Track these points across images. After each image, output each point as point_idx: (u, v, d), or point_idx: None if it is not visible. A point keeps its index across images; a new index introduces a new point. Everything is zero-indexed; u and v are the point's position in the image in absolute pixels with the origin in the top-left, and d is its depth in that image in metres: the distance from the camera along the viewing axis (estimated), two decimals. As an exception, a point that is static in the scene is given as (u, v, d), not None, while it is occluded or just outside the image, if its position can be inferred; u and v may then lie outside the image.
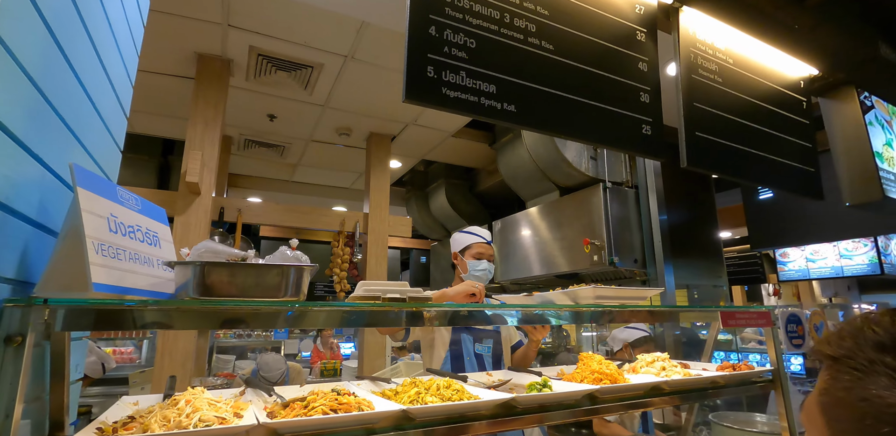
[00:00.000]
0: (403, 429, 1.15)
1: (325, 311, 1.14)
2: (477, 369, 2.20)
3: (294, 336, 7.73)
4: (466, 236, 2.36)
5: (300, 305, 1.08)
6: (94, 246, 0.90)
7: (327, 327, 1.14)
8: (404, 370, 3.36)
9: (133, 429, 0.97)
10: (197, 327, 1.00)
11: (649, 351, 2.79)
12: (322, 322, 1.14)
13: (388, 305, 1.18)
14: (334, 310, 1.13)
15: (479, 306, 1.30)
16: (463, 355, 2.26)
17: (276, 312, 1.08)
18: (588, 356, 1.72)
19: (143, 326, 1.01)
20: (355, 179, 6.42)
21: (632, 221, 3.74)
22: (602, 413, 1.48)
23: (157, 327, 1.01)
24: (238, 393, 1.40)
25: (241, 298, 1.03)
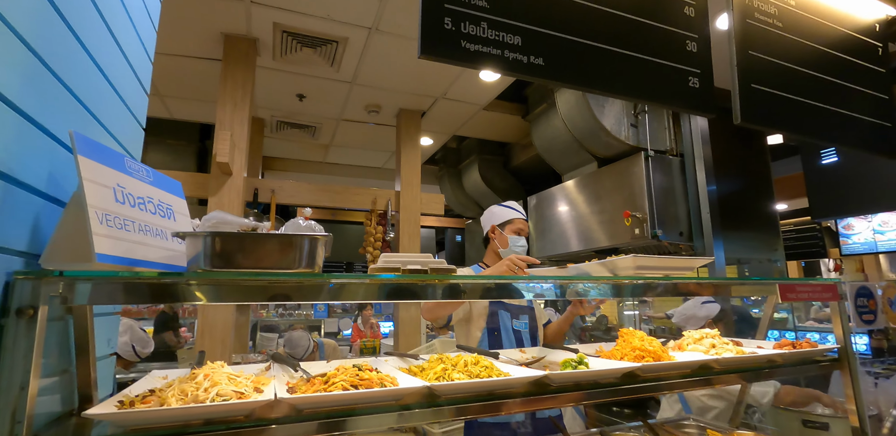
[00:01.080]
0: (427, 406, 1.09)
1: (341, 283, 1.08)
2: (514, 345, 2.14)
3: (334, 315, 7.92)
4: (507, 211, 2.29)
5: (314, 278, 1.02)
6: (98, 216, 0.87)
7: (343, 300, 1.08)
8: (439, 348, 3.34)
9: (151, 402, 0.95)
10: (211, 301, 0.96)
11: (733, 326, 2.63)
12: (338, 295, 1.09)
13: (408, 277, 1.11)
14: (350, 282, 1.07)
15: (506, 279, 1.21)
16: (501, 331, 2.21)
17: (290, 285, 1.03)
18: (629, 332, 1.60)
19: (157, 299, 0.98)
20: (388, 159, 6.38)
21: (677, 192, 3.51)
22: (643, 393, 1.38)
23: (171, 300, 0.98)
24: (264, 369, 1.39)
25: (253, 269, 0.98)
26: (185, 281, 0.96)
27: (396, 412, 1.05)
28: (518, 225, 2.24)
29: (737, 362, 1.49)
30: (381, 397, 1.06)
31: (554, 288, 1.36)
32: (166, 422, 0.91)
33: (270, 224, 3.50)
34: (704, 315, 2.65)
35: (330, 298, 1.10)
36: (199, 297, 1.01)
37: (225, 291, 1.01)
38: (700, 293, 1.54)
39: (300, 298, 1.08)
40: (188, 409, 0.90)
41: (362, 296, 1.12)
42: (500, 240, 2.26)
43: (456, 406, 1.11)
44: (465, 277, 1.17)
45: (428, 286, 1.15)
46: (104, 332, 1.37)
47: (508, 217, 2.27)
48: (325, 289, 1.09)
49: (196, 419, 0.93)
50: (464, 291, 1.19)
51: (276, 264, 0.99)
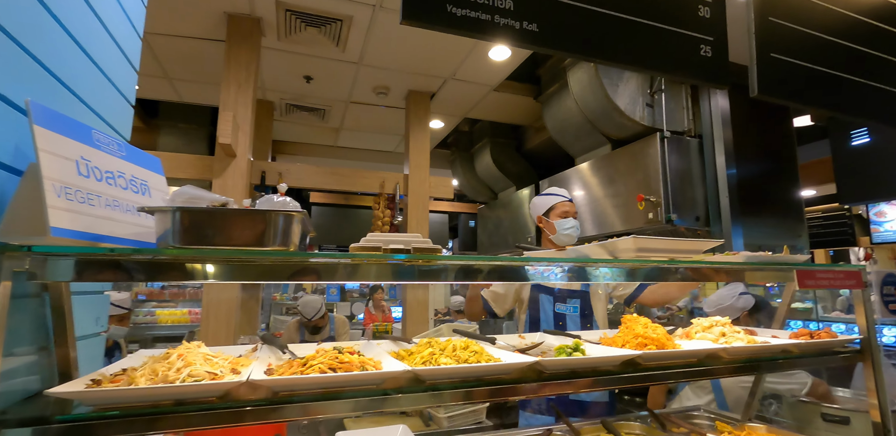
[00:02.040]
0: (410, 392, 1.04)
1: (314, 262, 1.03)
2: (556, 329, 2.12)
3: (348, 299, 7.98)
4: (548, 198, 2.32)
5: (287, 256, 0.97)
6: (56, 188, 0.82)
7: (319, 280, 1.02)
8: (446, 333, 3.31)
9: (120, 381, 0.92)
10: (180, 279, 0.92)
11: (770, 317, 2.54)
12: (313, 275, 1.04)
13: (388, 257, 1.05)
14: (325, 262, 1.02)
15: (495, 260, 1.14)
16: (540, 316, 2.18)
17: (262, 263, 0.98)
18: (632, 319, 1.52)
19: (129, 277, 0.94)
20: (398, 143, 6.31)
21: (694, 175, 3.37)
22: (643, 382, 1.31)
23: (143, 278, 0.94)
24: (250, 350, 1.36)
25: (222, 247, 0.93)
26: (156, 258, 0.92)
27: (376, 397, 1.01)
28: (562, 208, 2.25)
29: (747, 352, 1.41)
30: (359, 381, 1.01)
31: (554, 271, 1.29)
32: (133, 401, 0.88)
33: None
34: (741, 307, 2.54)
35: (305, 277, 1.05)
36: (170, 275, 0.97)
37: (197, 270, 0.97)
38: (710, 279, 1.45)
39: (273, 278, 1.03)
40: (155, 389, 0.87)
41: (340, 276, 1.07)
42: (548, 227, 2.27)
43: (439, 392, 1.06)
44: (451, 257, 1.11)
45: (412, 267, 1.09)
46: (91, 310, 1.35)
47: (551, 203, 2.29)
48: (299, 268, 1.04)
49: (165, 399, 0.90)
50: (448, 273, 1.13)
51: (248, 242, 0.95)
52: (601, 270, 1.28)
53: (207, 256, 0.94)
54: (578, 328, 2.13)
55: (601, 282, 1.83)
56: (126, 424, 0.85)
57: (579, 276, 1.28)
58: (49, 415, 0.86)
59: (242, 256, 0.96)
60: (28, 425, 0.81)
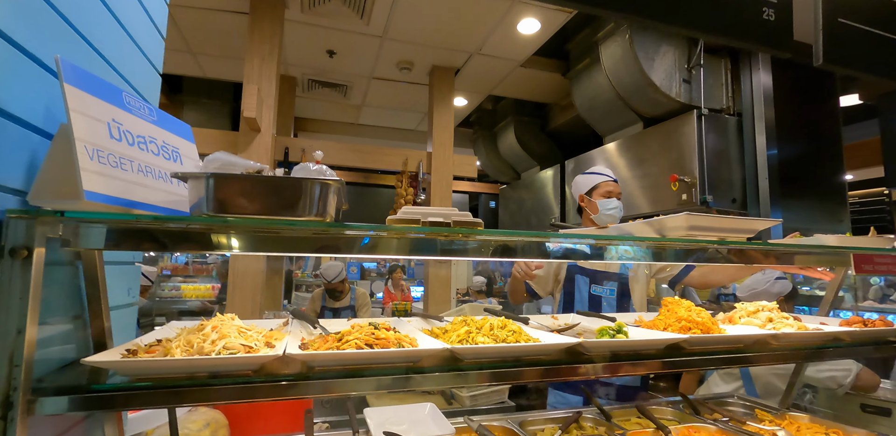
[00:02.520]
0: (447, 370, 1.01)
1: (350, 235, 0.99)
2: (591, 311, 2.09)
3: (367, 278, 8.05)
4: (592, 177, 2.24)
5: (321, 226, 0.93)
6: (88, 151, 0.79)
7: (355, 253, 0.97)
8: (469, 312, 3.29)
9: (156, 352, 0.90)
10: (213, 250, 0.88)
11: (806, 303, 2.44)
12: (350, 247, 0.99)
13: (428, 230, 1.00)
14: (360, 235, 0.97)
15: (536, 236, 1.08)
16: (574, 296, 2.15)
17: (296, 235, 0.94)
18: (674, 301, 1.46)
19: (165, 246, 0.91)
20: (420, 120, 6.20)
21: (731, 155, 3.22)
22: (687, 367, 1.25)
23: (175, 248, 0.91)
24: (281, 324, 1.34)
25: (257, 216, 0.89)
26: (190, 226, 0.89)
27: (414, 375, 0.97)
28: (605, 188, 2.18)
29: (798, 339, 1.33)
30: (396, 358, 0.98)
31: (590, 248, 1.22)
32: (169, 372, 0.86)
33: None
34: (777, 292, 2.45)
35: (340, 250, 1.01)
36: (209, 245, 0.94)
37: (234, 240, 0.93)
38: (758, 262, 1.37)
39: (308, 250, 0.99)
40: (191, 360, 0.85)
41: (378, 249, 1.03)
42: (590, 207, 2.20)
43: (478, 372, 1.02)
44: (493, 231, 1.05)
45: (450, 241, 1.04)
46: (123, 280, 1.34)
47: (594, 182, 2.21)
48: (336, 240, 1.00)
49: (200, 372, 0.87)
50: (490, 248, 1.08)
51: (284, 211, 0.90)
52: (648, 249, 1.21)
53: (243, 225, 0.90)
54: (614, 311, 2.07)
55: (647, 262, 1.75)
56: (160, 395, 0.83)
57: (625, 255, 1.22)
58: (85, 384, 0.84)
59: (278, 227, 0.92)
60: (64, 394, 0.80)
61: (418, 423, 1.56)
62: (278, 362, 0.95)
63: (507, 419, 1.66)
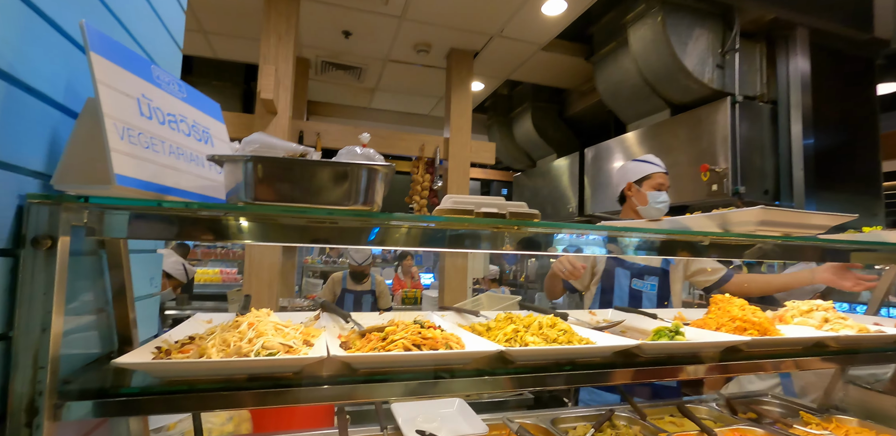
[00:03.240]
0: (496, 374, 0.93)
1: (404, 226, 0.90)
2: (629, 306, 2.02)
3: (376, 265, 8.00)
4: (644, 166, 2.14)
5: (371, 217, 0.84)
6: (118, 129, 0.70)
7: (405, 246, 0.88)
8: (486, 303, 3.23)
9: (190, 351, 0.83)
10: (251, 240, 0.80)
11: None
12: (399, 240, 0.91)
13: (482, 222, 0.91)
14: (416, 226, 0.89)
15: (604, 229, 0.99)
16: (613, 290, 2.07)
17: (342, 224, 0.86)
18: (724, 299, 1.38)
19: (198, 235, 0.83)
20: (434, 105, 6.06)
21: (765, 145, 3.09)
22: (746, 372, 1.17)
23: (212, 237, 0.83)
24: (312, 317, 1.27)
25: (300, 205, 0.81)
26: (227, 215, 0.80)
27: (464, 378, 0.90)
28: (658, 179, 2.10)
29: (858, 342, 1.25)
30: (447, 361, 0.91)
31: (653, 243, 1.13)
32: (206, 375, 0.79)
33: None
34: (811, 290, 2.36)
35: (387, 242, 0.93)
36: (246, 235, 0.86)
37: (274, 230, 0.85)
38: (829, 259, 1.28)
39: (352, 241, 0.91)
40: (230, 363, 0.78)
41: (428, 242, 0.95)
42: (638, 197, 2.11)
43: (532, 375, 0.94)
44: (553, 224, 0.96)
45: (505, 235, 0.96)
46: (145, 270, 1.27)
47: (647, 172, 2.12)
48: (382, 231, 0.92)
49: (239, 374, 0.81)
50: (547, 242, 0.99)
51: (330, 199, 0.82)
52: (711, 245, 1.12)
53: (285, 215, 0.81)
54: (654, 307, 1.99)
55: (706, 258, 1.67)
56: (195, 399, 0.76)
57: (687, 251, 1.13)
58: (114, 386, 0.77)
59: (322, 217, 0.83)
60: (92, 398, 0.73)
61: (449, 420, 1.50)
62: (320, 363, 0.88)
63: (538, 416, 1.60)
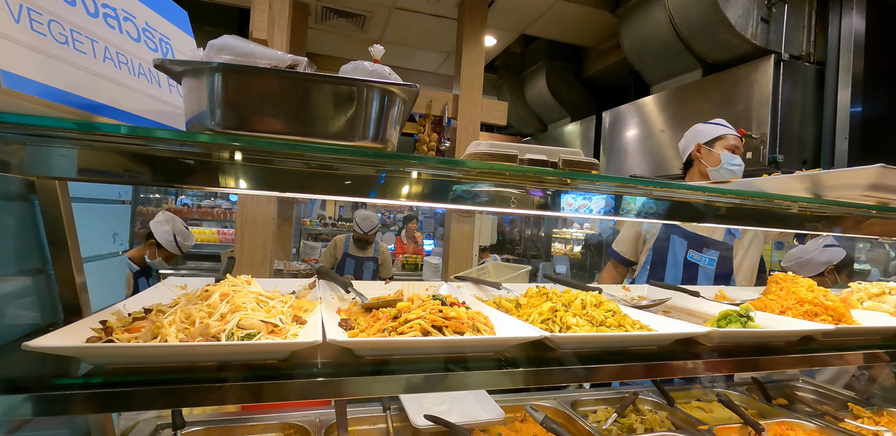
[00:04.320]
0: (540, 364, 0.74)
1: (427, 173, 0.68)
2: (681, 281, 1.84)
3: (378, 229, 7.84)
4: (717, 127, 2.02)
5: (385, 159, 0.62)
6: (11, 6, 0.46)
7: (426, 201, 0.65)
8: (493, 271, 3.06)
9: (140, 330, 0.63)
10: (216, 187, 0.58)
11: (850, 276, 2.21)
12: (418, 194, 0.69)
13: (532, 171, 0.69)
14: (435, 175, 0.67)
15: (689, 188, 0.77)
16: (666, 261, 1.91)
17: (341, 169, 0.64)
18: (787, 278, 1.18)
19: (129, 175, 0.61)
20: (442, 62, 5.67)
21: (807, 110, 2.82)
22: (820, 365, 1.00)
23: (155, 180, 0.61)
24: (307, 286, 1.07)
25: (286, 137, 0.58)
26: (183, 149, 0.58)
27: (497, 370, 0.71)
28: (732, 141, 1.95)
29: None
30: (475, 348, 0.71)
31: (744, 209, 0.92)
32: (154, 362, 0.59)
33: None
34: (825, 260, 2.19)
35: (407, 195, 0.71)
36: (211, 179, 0.64)
37: (249, 173, 0.63)
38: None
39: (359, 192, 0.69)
40: (189, 349, 0.58)
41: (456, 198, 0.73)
42: (709, 159, 1.95)
43: (579, 368, 0.75)
44: (616, 178, 0.74)
45: (559, 191, 0.74)
46: (105, 223, 1.06)
47: (719, 133, 1.98)
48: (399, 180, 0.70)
49: (205, 361, 0.61)
50: (609, 201, 0.78)
51: (329, 130, 0.59)
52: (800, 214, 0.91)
53: (269, 152, 0.59)
54: (711, 283, 1.82)
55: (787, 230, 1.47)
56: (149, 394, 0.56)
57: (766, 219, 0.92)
58: (49, 375, 0.58)
59: (317, 155, 0.61)
60: (16, 391, 0.53)
61: (460, 402, 1.34)
62: (315, 350, 0.68)
63: (558, 399, 1.44)
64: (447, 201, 0.73)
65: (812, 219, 0.99)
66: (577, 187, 0.78)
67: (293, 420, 1.24)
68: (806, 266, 2.22)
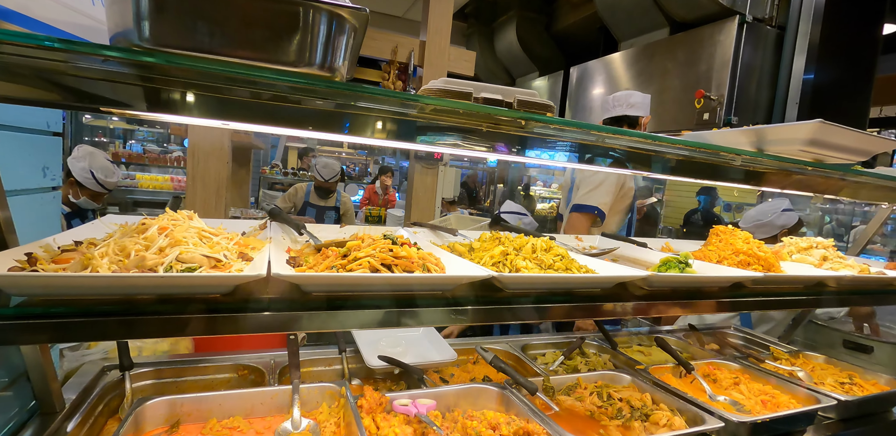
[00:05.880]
0: (484, 302, 0.77)
1: (377, 109, 0.65)
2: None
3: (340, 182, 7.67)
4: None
5: (331, 88, 0.59)
6: None
7: (372, 137, 0.62)
8: (455, 224, 3.08)
9: (69, 262, 0.60)
10: (140, 109, 0.53)
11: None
12: (366, 128, 0.67)
13: (485, 110, 0.68)
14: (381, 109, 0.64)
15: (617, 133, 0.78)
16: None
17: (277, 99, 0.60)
18: (728, 231, 1.25)
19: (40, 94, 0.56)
20: (409, 7, 5.36)
21: (764, 74, 2.88)
22: (748, 309, 1.08)
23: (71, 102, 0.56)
24: (257, 227, 1.04)
25: (221, 57, 0.54)
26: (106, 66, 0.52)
27: (445, 308, 0.72)
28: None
29: (859, 283, 1.16)
30: (424, 286, 0.72)
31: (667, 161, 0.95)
32: (86, 293, 0.56)
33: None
34: (782, 224, 2.32)
35: (351, 130, 0.68)
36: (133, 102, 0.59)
37: (176, 96, 0.58)
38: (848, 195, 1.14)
39: (298, 124, 0.66)
40: (123, 279, 0.55)
41: (404, 134, 0.71)
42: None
43: (526, 307, 0.78)
44: (572, 122, 0.74)
45: (514, 134, 0.73)
46: (31, 155, 0.98)
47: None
48: (350, 116, 0.67)
49: (142, 294, 0.59)
50: (558, 146, 0.78)
51: (268, 53, 0.55)
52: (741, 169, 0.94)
53: (199, 72, 0.54)
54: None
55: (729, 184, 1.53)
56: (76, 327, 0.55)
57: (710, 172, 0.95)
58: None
59: (252, 78, 0.57)
60: None
61: (415, 345, 1.38)
62: (259, 282, 0.67)
63: (509, 343, 1.52)
64: (399, 139, 0.71)
65: (755, 174, 1.04)
66: (532, 131, 0.77)
67: (247, 362, 1.25)
68: (762, 228, 2.34)
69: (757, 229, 2.41)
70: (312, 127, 0.68)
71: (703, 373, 1.33)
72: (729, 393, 1.24)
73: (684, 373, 1.31)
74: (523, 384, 1.04)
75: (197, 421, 0.91)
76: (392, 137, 0.72)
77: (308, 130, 0.67)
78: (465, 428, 0.89)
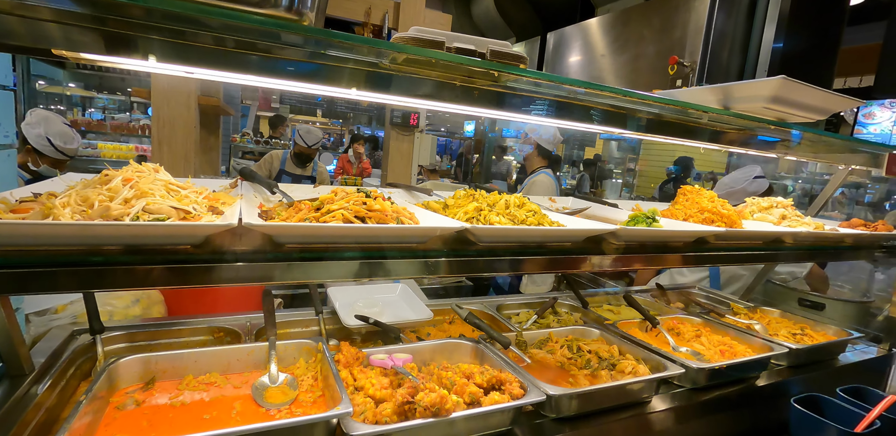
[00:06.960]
0: (457, 255, 0.78)
1: (347, 57, 0.64)
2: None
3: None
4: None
5: (297, 32, 0.57)
6: None
7: (340, 87, 0.61)
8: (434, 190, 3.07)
9: (28, 212, 0.58)
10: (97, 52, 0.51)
11: None
12: (334, 79, 0.65)
13: (456, 60, 0.67)
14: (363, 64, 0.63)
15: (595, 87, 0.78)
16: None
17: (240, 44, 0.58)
18: (694, 190, 1.28)
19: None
20: (383, -34, 5.13)
21: (736, 41, 2.90)
22: (713, 263, 1.13)
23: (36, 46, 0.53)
24: (227, 186, 1.02)
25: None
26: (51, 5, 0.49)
27: (418, 259, 0.74)
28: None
29: (813, 239, 1.23)
30: (397, 237, 0.73)
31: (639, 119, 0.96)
32: (49, 243, 0.55)
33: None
34: (753, 191, 2.40)
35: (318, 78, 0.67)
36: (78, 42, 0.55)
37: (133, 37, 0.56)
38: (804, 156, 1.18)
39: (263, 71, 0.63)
40: (85, 228, 0.54)
41: (375, 84, 0.69)
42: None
43: (499, 259, 0.80)
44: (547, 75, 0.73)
45: (485, 87, 0.72)
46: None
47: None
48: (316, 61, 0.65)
49: (108, 244, 0.58)
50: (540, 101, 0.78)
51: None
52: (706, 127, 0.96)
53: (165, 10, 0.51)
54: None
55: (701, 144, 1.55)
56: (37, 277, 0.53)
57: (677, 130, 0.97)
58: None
59: (213, 20, 0.54)
60: None
61: (391, 305, 1.41)
62: (231, 234, 0.66)
63: (484, 302, 1.56)
64: (371, 90, 0.69)
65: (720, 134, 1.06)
66: (506, 85, 0.77)
67: (223, 324, 1.25)
68: (734, 195, 2.42)
69: (729, 196, 2.49)
70: (282, 76, 0.66)
71: (668, 327, 1.40)
72: (691, 344, 1.31)
73: (650, 327, 1.38)
74: (497, 339, 1.08)
75: (173, 378, 0.91)
76: (364, 88, 0.70)
77: (278, 79, 0.65)
78: (440, 378, 0.92)
